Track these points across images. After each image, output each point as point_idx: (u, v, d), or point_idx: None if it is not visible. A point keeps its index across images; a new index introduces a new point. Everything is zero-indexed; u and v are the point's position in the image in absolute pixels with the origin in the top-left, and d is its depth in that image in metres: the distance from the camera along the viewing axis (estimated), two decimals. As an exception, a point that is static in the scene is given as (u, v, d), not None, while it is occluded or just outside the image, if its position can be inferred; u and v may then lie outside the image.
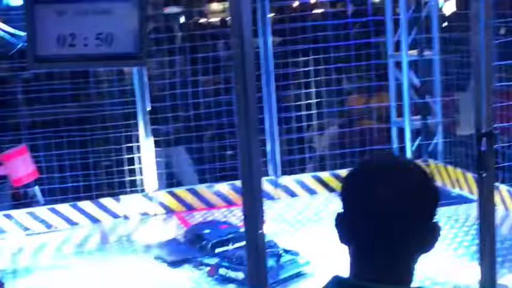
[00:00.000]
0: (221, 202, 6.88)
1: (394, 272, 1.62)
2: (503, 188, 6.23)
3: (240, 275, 4.87)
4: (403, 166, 1.66)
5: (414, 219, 1.61)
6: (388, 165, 1.66)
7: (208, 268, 5.10)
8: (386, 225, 1.60)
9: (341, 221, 1.67)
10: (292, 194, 7.07)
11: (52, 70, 5.91)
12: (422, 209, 1.62)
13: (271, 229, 6.12)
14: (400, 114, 7.41)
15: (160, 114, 6.88)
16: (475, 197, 4.49)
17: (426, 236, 1.63)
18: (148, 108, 6.68)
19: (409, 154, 7.38)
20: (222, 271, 5.00)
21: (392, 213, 1.59)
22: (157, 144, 6.85)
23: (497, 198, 6.20)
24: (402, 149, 7.44)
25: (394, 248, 1.61)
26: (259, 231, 3.54)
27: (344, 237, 1.67)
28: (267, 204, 6.79)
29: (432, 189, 1.65)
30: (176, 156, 7.20)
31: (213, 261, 5.13)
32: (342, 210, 1.67)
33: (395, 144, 7.47)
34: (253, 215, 3.41)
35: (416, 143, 7.41)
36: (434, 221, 1.64)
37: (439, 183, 7.07)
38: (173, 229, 6.38)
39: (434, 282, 4.80)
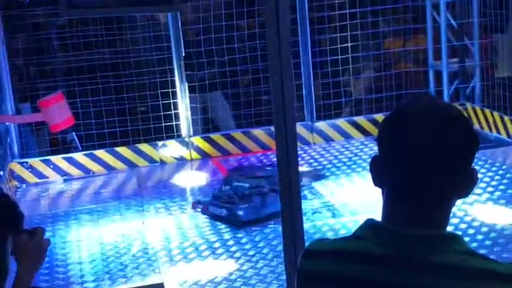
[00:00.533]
0: (256, 147, 6.90)
1: (428, 218, 1.61)
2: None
3: (223, 212, 5.17)
4: (442, 111, 1.62)
5: (452, 166, 1.59)
6: (426, 110, 1.62)
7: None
8: (422, 171, 1.58)
9: (376, 165, 1.66)
10: (327, 139, 7.05)
11: (86, 16, 5.90)
12: (461, 156, 1.60)
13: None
14: (437, 57, 7.30)
15: (195, 59, 6.87)
16: (512, 140, 4.45)
17: (463, 181, 1.61)
18: (183, 54, 6.68)
19: (446, 97, 7.30)
20: (211, 209, 5.29)
21: (429, 160, 1.57)
22: (192, 90, 6.87)
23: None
24: (439, 92, 7.36)
25: (429, 194, 1.60)
26: (294, 176, 3.56)
27: (378, 181, 1.66)
28: (302, 149, 6.86)
29: (471, 135, 1.62)
30: (213, 101, 7.21)
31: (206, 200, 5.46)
32: (378, 154, 1.66)
33: (432, 88, 7.38)
34: (286, 161, 3.42)
35: (454, 86, 7.31)
36: (471, 166, 1.62)
37: (476, 126, 7.01)
38: (209, 174, 6.44)
39: (470, 226, 4.78)
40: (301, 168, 5.35)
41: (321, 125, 7.06)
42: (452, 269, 1.57)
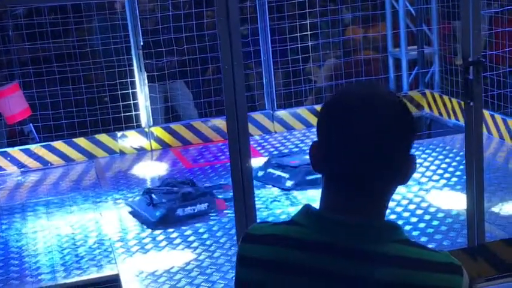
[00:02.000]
0: (217, 136, 6.87)
1: (367, 206, 1.60)
2: (498, 117, 6.19)
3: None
4: (381, 97, 1.60)
5: (390, 154, 1.57)
6: (366, 95, 1.60)
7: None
8: (360, 159, 1.56)
9: (315, 151, 1.64)
10: (288, 127, 7.05)
11: (30, 5, 5.81)
12: (399, 142, 1.58)
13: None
14: (397, 44, 7.34)
15: (153, 49, 6.81)
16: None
17: (402, 168, 1.60)
18: (141, 43, 6.62)
19: (406, 84, 7.34)
20: None
21: (367, 147, 1.56)
22: (151, 79, 6.81)
23: (493, 128, 6.20)
24: (399, 79, 7.40)
25: (367, 182, 1.58)
26: (246, 165, 3.56)
27: (317, 167, 1.65)
28: (262, 138, 6.86)
29: (409, 121, 1.61)
30: (175, 90, 7.17)
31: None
32: (317, 140, 1.64)
33: (391, 74, 7.42)
34: (238, 149, 3.41)
35: (414, 73, 7.36)
36: (410, 153, 1.61)
37: (435, 112, 7.06)
38: (169, 164, 6.40)
39: (426, 212, 4.81)
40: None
41: (282, 113, 7.06)
42: (389, 258, 1.56)
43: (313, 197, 5.13)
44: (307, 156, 1.86)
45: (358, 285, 1.56)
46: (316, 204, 1.67)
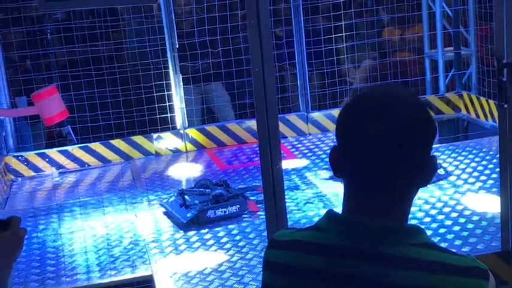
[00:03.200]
0: (251, 138, 6.89)
1: (388, 209, 1.60)
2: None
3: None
4: (400, 99, 1.60)
5: (410, 156, 1.58)
6: (385, 97, 1.60)
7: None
8: (380, 162, 1.56)
9: (335, 155, 1.65)
10: (323, 129, 7.04)
11: (63, 9, 5.90)
12: (419, 143, 1.59)
13: (300, 164, 6.14)
14: (434, 45, 7.28)
15: (188, 51, 6.87)
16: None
17: (422, 171, 1.60)
18: (177, 46, 6.68)
19: (442, 86, 7.27)
20: None
21: (387, 151, 1.56)
22: (186, 81, 6.86)
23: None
24: (436, 81, 7.33)
25: (388, 185, 1.59)
26: (277, 167, 3.56)
27: (338, 172, 1.66)
28: (297, 140, 6.86)
29: (429, 123, 1.61)
30: (213, 92, 7.22)
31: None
32: (337, 145, 1.65)
33: (428, 76, 7.36)
34: (268, 151, 3.42)
35: (450, 74, 7.29)
36: (431, 155, 1.61)
37: (472, 114, 6.98)
38: (204, 165, 6.44)
39: (461, 215, 4.77)
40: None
41: (316, 115, 7.05)
42: (409, 261, 1.55)
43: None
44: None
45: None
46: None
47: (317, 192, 5.45)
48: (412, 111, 1.59)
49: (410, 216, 1.66)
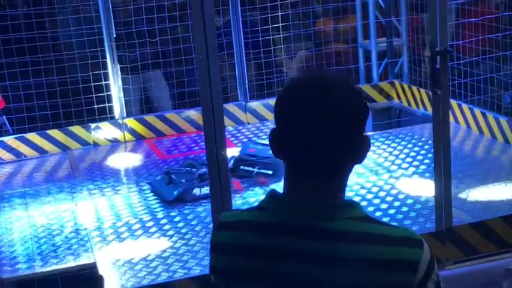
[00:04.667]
0: (191, 128, 6.94)
1: (324, 186, 1.67)
2: (465, 106, 6.34)
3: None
4: (333, 82, 1.69)
5: (342, 135, 1.66)
6: (313, 81, 1.69)
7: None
8: (313, 141, 1.64)
9: (273, 137, 1.72)
10: (261, 118, 7.14)
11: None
12: (352, 124, 1.67)
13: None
14: (366, 36, 7.46)
15: (126, 40, 6.85)
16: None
17: (356, 149, 1.69)
18: (114, 35, 6.66)
19: (375, 75, 7.47)
20: None
21: (319, 130, 1.64)
22: (124, 71, 6.85)
23: (460, 117, 6.35)
24: (369, 70, 7.52)
25: (322, 163, 1.66)
26: (222, 153, 3.63)
27: (277, 153, 1.72)
28: (236, 129, 6.94)
29: (361, 104, 1.70)
30: (152, 81, 7.22)
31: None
32: (275, 126, 1.72)
33: (361, 66, 7.54)
34: (213, 138, 3.49)
35: (383, 64, 7.48)
36: (364, 133, 1.70)
37: (404, 103, 7.20)
38: (143, 155, 6.45)
39: (396, 199, 4.94)
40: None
41: (255, 104, 7.14)
42: (349, 234, 1.63)
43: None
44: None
45: (317, 262, 1.63)
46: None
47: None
48: (345, 94, 1.67)
49: None
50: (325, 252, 1.63)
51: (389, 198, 4.97)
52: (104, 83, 6.73)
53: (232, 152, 6.06)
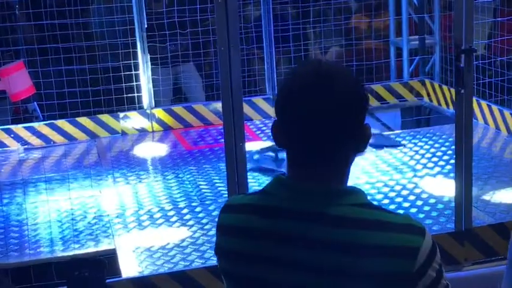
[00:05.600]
0: (218, 120, 6.96)
1: (326, 174, 1.72)
2: (495, 107, 6.26)
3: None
4: (334, 72, 1.71)
5: (343, 124, 1.69)
6: (320, 71, 1.71)
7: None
8: (314, 131, 1.67)
9: (275, 129, 1.76)
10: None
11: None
12: (353, 113, 1.70)
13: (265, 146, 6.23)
14: (399, 33, 7.40)
15: (157, 31, 6.90)
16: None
17: (356, 138, 1.72)
18: (146, 26, 6.71)
19: (406, 73, 7.41)
20: None
21: (325, 119, 1.66)
22: (155, 61, 6.90)
23: (489, 118, 6.27)
24: (400, 69, 7.47)
25: (324, 152, 1.70)
26: (240, 145, 3.64)
27: (280, 143, 1.76)
28: (262, 123, 6.94)
29: (362, 93, 1.73)
30: (185, 72, 7.26)
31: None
32: (277, 119, 1.75)
33: (393, 64, 7.49)
34: (232, 130, 3.50)
35: (414, 62, 7.42)
36: (364, 123, 1.73)
37: (434, 102, 7.12)
38: (169, 145, 6.50)
39: (418, 198, 4.90)
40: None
41: (282, 98, 7.11)
42: (347, 220, 1.66)
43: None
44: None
45: (316, 246, 1.66)
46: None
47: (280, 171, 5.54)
48: (346, 85, 1.70)
49: (369, 198, 1.78)
50: (324, 236, 1.66)
51: (411, 197, 4.93)
52: (134, 72, 6.79)
53: (257, 145, 6.08)
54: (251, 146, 5.74)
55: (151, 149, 6.46)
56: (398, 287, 1.64)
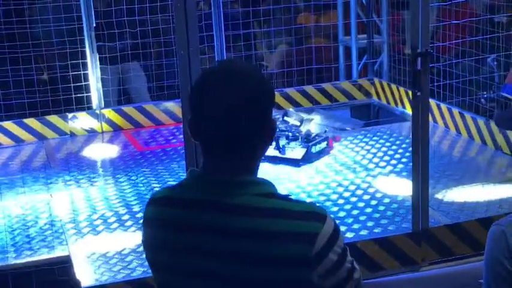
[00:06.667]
0: (169, 120, 6.90)
1: (236, 165, 1.83)
2: (444, 106, 6.37)
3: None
4: (242, 70, 1.84)
5: (252, 119, 1.80)
6: (229, 70, 1.84)
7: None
8: (228, 125, 1.78)
9: (189, 123, 1.86)
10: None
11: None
12: (260, 109, 1.81)
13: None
14: (347, 32, 7.46)
15: (106, 30, 6.79)
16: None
17: (262, 132, 1.83)
18: (94, 25, 6.60)
19: (355, 72, 7.48)
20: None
21: (233, 114, 1.77)
22: (102, 61, 6.79)
23: (438, 117, 6.38)
24: (349, 67, 7.53)
25: (235, 144, 1.81)
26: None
27: (194, 137, 1.87)
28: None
29: (268, 90, 1.86)
30: (129, 72, 7.16)
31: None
32: (191, 114, 1.86)
33: (341, 63, 7.55)
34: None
35: (363, 61, 7.50)
36: (271, 117, 1.85)
37: (383, 101, 7.21)
38: (120, 146, 6.41)
39: (372, 197, 4.95)
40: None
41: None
42: (251, 208, 1.79)
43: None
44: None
45: (221, 234, 1.79)
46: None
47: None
48: (253, 81, 1.82)
49: (324, 198, 1.85)
50: (228, 225, 1.78)
51: (366, 197, 4.97)
52: (82, 72, 6.67)
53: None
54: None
55: (102, 151, 6.36)
56: (297, 271, 1.74)
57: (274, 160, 5.54)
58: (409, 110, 6.83)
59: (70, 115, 6.65)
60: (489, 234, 2.14)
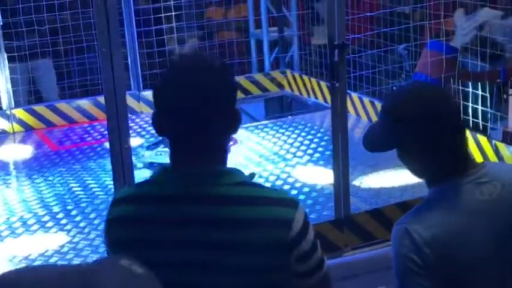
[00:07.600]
0: (83, 118, 6.80)
1: (202, 157, 1.86)
2: (355, 95, 6.55)
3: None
4: (205, 64, 1.87)
5: (218, 109, 1.84)
6: (192, 64, 1.88)
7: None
8: (194, 117, 1.82)
9: (155, 118, 1.89)
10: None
11: None
12: (224, 99, 1.86)
13: (135, 142, 6.16)
14: (258, 26, 7.55)
15: (13, 29, 6.61)
16: (328, 104, 4.71)
17: (228, 121, 1.87)
18: (1, 23, 6.42)
19: (267, 65, 7.58)
20: None
21: (198, 106, 1.81)
22: (11, 60, 6.61)
23: (350, 106, 6.56)
24: (261, 61, 7.62)
25: (202, 135, 1.85)
26: (126, 146, 3.60)
27: (159, 132, 1.90)
28: (129, 119, 6.84)
29: (231, 81, 1.91)
30: (39, 70, 7.00)
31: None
32: (156, 109, 1.89)
33: (254, 56, 7.63)
34: (117, 131, 3.45)
35: (274, 54, 7.60)
36: (235, 107, 1.89)
37: (296, 92, 7.35)
38: (33, 146, 6.27)
39: (292, 187, 5.05)
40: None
41: (148, 94, 7.08)
42: (224, 198, 1.82)
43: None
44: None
45: (203, 226, 1.81)
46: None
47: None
48: (216, 73, 1.87)
49: None
50: (206, 216, 1.81)
51: (286, 187, 5.06)
52: (-10, 72, 6.47)
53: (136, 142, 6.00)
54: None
55: (14, 151, 6.21)
56: (276, 255, 1.79)
57: None
58: (321, 100, 6.99)
59: (-21, 116, 6.45)
60: (393, 235, 2.16)
